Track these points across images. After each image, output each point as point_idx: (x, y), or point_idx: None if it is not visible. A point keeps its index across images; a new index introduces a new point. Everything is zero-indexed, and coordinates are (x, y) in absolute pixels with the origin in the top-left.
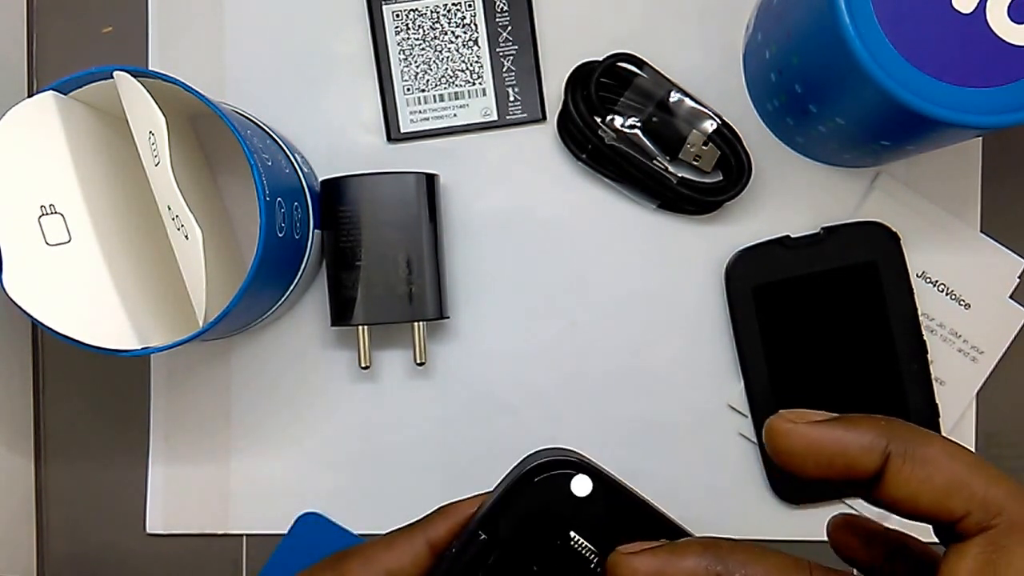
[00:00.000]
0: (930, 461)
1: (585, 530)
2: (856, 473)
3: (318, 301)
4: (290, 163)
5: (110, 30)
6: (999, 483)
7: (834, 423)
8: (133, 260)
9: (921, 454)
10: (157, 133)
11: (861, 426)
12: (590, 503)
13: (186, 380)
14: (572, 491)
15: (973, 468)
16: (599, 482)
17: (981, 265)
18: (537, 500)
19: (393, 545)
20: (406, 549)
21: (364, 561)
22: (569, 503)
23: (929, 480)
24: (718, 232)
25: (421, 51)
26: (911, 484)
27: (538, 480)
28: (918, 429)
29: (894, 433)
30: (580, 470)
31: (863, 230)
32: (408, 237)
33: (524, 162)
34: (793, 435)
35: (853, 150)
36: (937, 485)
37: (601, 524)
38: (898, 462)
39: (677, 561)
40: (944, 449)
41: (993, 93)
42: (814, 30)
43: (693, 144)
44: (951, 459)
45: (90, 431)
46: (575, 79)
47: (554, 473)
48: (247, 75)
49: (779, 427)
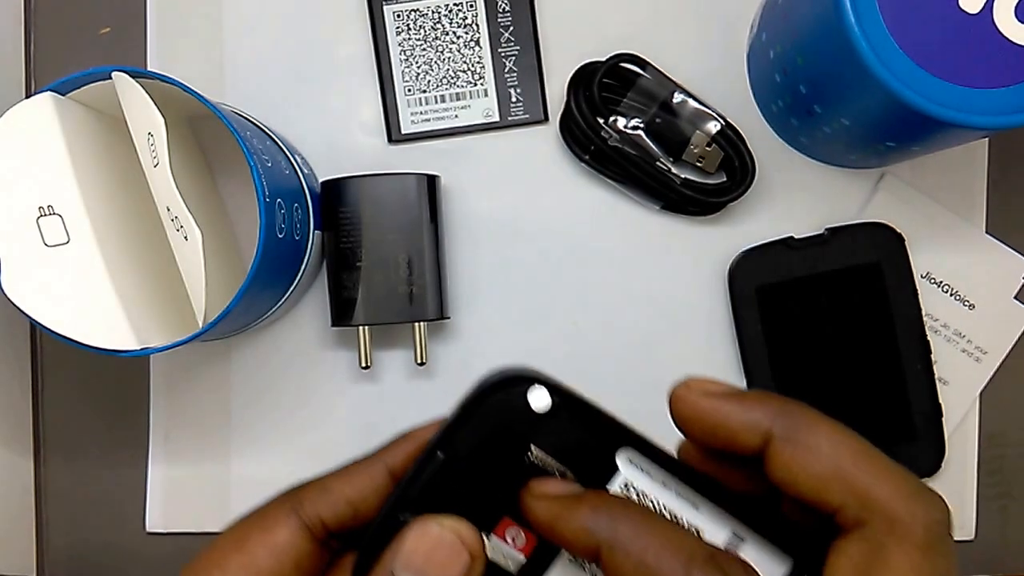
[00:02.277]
0: (812, 448)
1: (548, 446)
2: (738, 449)
3: (318, 301)
4: (290, 164)
5: (108, 31)
6: (884, 477)
7: (726, 397)
8: (132, 261)
9: (804, 439)
10: (156, 134)
11: (750, 403)
12: (552, 419)
13: (186, 380)
14: (530, 405)
15: (858, 459)
16: (558, 395)
17: (986, 266)
18: (494, 416)
19: (352, 474)
20: (365, 478)
21: (321, 491)
22: (528, 418)
23: (807, 467)
24: (722, 233)
25: (422, 51)
26: (790, 469)
27: (494, 395)
28: (812, 413)
29: (783, 414)
30: (537, 383)
31: (867, 231)
32: (409, 238)
33: (526, 163)
34: (685, 402)
35: (858, 151)
36: (814, 473)
37: (565, 440)
38: (779, 444)
39: (569, 517)
40: (830, 437)
41: (999, 94)
42: (819, 30)
43: (696, 145)
44: (835, 447)
45: (89, 431)
46: (578, 80)
47: (510, 388)
48: (246, 75)
49: (676, 393)
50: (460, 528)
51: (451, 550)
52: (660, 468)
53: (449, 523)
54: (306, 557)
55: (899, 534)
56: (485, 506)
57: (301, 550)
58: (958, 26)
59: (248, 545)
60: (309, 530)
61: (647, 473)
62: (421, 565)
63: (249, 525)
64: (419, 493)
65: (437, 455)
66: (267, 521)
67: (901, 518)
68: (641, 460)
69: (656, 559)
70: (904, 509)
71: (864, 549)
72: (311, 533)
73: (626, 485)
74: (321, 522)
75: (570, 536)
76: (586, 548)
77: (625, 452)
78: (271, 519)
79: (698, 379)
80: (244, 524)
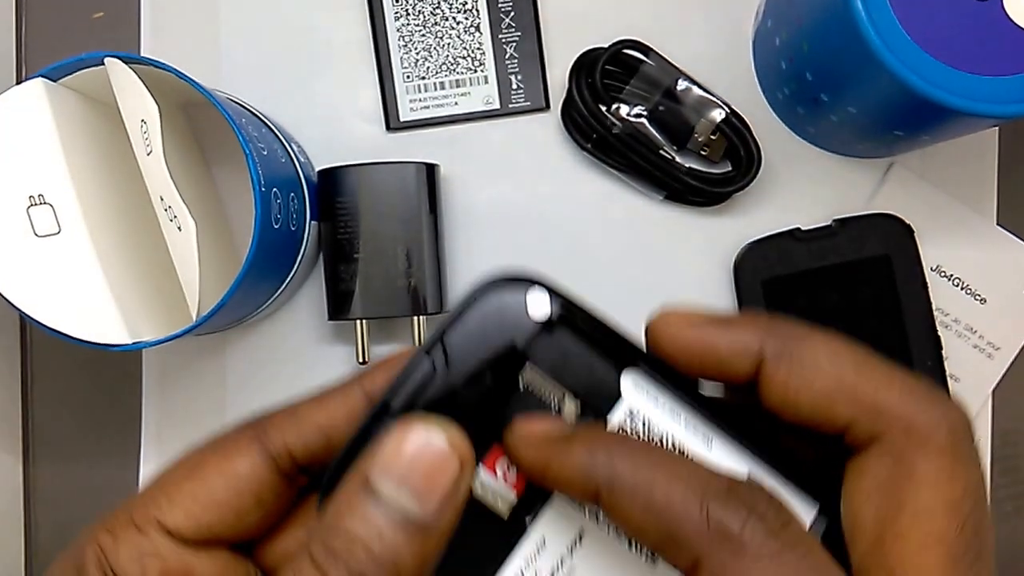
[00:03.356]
0: (809, 362)
1: (545, 365)
2: (730, 376)
3: (315, 294)
4: (286, 152)
5: (101, 15)
6: (890, 383)
7: (708, 324)
8: (125, 252)
9: (799, 355)
10: (149, 122)
11: (736, 326)
12: (551, 332)
13: (179, 375)
14: (528, 311)
15: (861, 368)
16: (560, 304)
17: (997, 259)
18: (488, 320)
19: (325, 400)
20: (340, 403)
21: (290, 417)
22: (524, 326)
23: (807, 384)
24: (727, 224)
25: (421, 37)
26: (788, 389)
27: (489, 295)
28: (802, 328)
29: (772, 333)
30: (537, 287)
31: (876, 223)
32: (408, 229)
33: (527, 152)
34: (665, 335)
35: (866, 140)
36: (816, 389)
37: (565, 359)
38: (773, 364)
39: (561, 460)
40: (827, 348)
41: (1009, 82)
42: (826, 16)
43: (701, 133)
44: (833, 359)
45: (80, 428)
46: (580, 66)
47: (507, 289)
48: (242, 62)
49: (654, 326)
50: (450, 431)
51: (439, 455)
52: (670, 394)
53: (436, 423)
54: (269, 490)
55: (921, 441)
56: (474, 431)
57: (263, 482)
58: (967, 12)
59: (202, 473)
60: (274, 460)
61: (654, 399)
62: (404, 471)
63: (205, 452)
64: (403, 404)
65: (425, 360)
66: (226, 448)
67: (920, 424)
68: (649, 384)
69: (665, 497)
70: (922, 414)
71: (885, 464)
72: (276, 464)
73: (631, 413)
74: (288, 452)
75: (565, 481)
76: (584, 492)
77: (631, 374)
78: (231, 446)
79: (674, 309)
80: (200, 451)
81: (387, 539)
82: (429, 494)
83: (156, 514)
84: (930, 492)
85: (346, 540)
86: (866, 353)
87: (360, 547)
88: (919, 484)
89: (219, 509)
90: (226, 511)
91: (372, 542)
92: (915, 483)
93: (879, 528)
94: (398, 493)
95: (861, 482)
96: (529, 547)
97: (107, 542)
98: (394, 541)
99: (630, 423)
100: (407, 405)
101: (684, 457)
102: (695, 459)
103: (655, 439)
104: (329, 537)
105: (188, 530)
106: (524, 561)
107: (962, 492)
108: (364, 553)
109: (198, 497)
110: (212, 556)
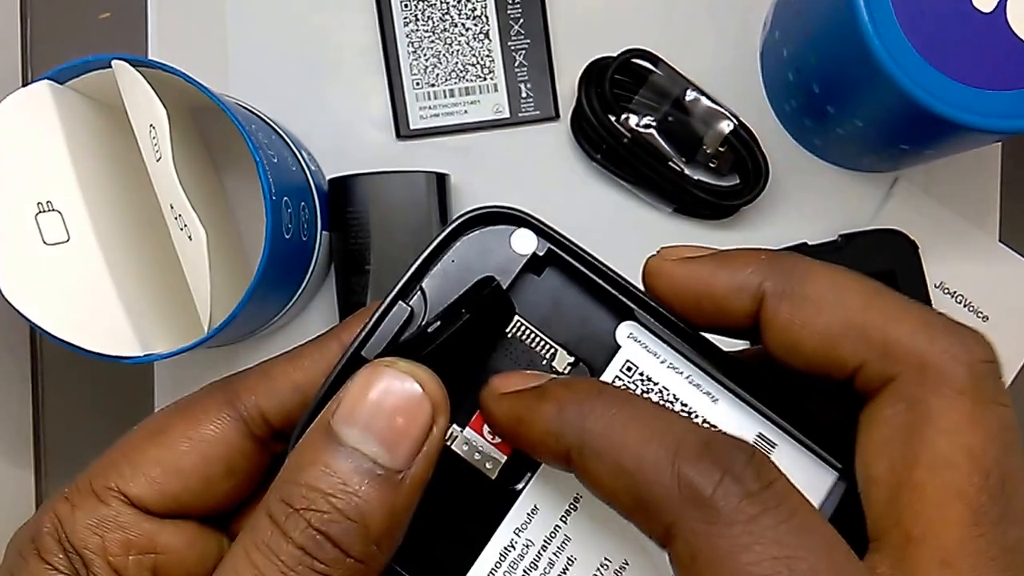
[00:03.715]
0: (813, 299)
1: (534, 315)
2: (731, 320)
3: (327, 306)
4: (296, 160)
5: (108, 16)
6: (902, 317)
7: (706, 260)
8: (134, 261)
9: (802, 291)
10: (158, 126)
11: (734, 261)
12: (541, 277)
13: (192, 388)
14: (514, 250)
15: (870, 302)
16: (550, 244)
17: (999, 276)
18: (469, 261)
19: (300, 356)
20: (316, 358)
21: (262, 377)
22: (510, 269)
23: (811, 321)
24: (735, 238)
25: (431, 44)
26: (791, 329)
27: (468, 232)
28: (806, 260)
29: (773, 268)
30: (523, 225)
31: (882, 238)
32: (419, 239)
33: (537, 162)
34: (661, 274)
35: (871, 153)
36: (821, 327)
37: (556, 307)
38: (774, 302)
39: (531, 418)
40: (832, 282)
41: (1014, 96)
42: (832, 28)
43: (709, 145)
44: (839, 293)
45: (92, 441)
46: (589, 75)
47: (489, 226)
48: (251, 67)
49: (651, 266)
50: (419, 372)
51: (409, 400)
52: (672, 347)
53: (405, 366)
54: (240, 456)
55: (936, 381)
56: (458, 389)
57: (234, 447)
58: (973, 26)
59: (167, 438)
60: (246, 424)
61: (654, 353)
62: (368, 418)
63: (171, 416)
64: (377, 354)
65: (400, 306)
66: (193, 411)
67: (935, 360)
68: (648, 337)
69: (635, 459)
70: (937, 349)
71: (898, 410)
72: (248, 428)
73: (627, 367)
74: (261, 415)
75: (536, 443)
76: (555, 455)
77: (629, 326)
78: (199, 408)
79: (672, 246)
80: (166, 414)
81: (352, 491)
82: (398, 441)
83: (117, 482)
84: (948, 439)
85: (307, 493)
86: (877, 285)
87: (322, 500)
88: (936, 431)
89: (185, 477)
90: (193, 479)
91: (336, 495)
92: (932, 430)
93: (894, 483)
94: (363, 440)
95: (873, 432)
96: (520, 515)
97: (64, 511)
98: (360, 493)
99: (627, 378)
100: (381, 354)
101: (666, 410)
102: (683, 413)
103: (653, 397)
104: (288, 492)
105: (152, 499)
106: (514, 530)
107: (984, 438)
108: (327, 507)
109: (163, 463)
110: (179, 528)
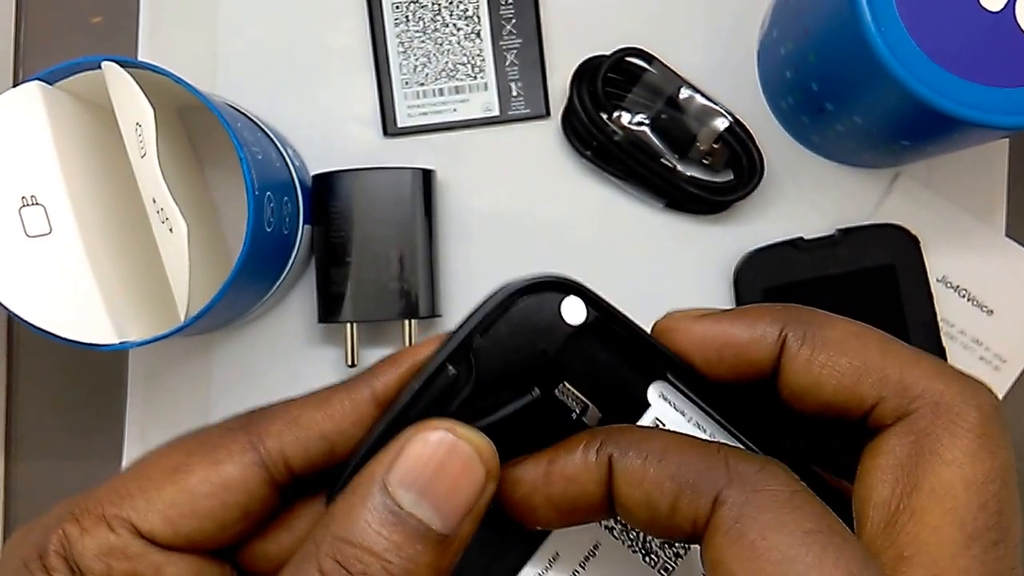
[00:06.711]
0: (833, 343)
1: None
2: (752, 367)
3: (306, 297)
4: (281, 157)
5: (100, 20)
6: (917, 363)
7: (721, 315)
8: (115, 253)
9: (822, 336)
10: (144, 124)
11: (750, 315)
12: (582, 340)
13: (165, 377)
14: (563, 318)
15: (886, 348)
16: (596, 310)
17: (1005, 270)
18: (520, 327)
19: (328, 402)
20: (346, 406)
21: (289, 423)
22: (558, 335)
23: (833, 364)
24: (728, 233)
25: (421, 43)
26: (812, 370)
27: (522, 301)
28: (823, 312)
29: (791, 316)
30: (572, 292)
31: (881, 232)
32: (401, 234)
33: (526, 159)
34: (679, 329)
35: (871, 150)
36: (843, 368)
37: (594, 368)
38: (795, 346)
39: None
40: (850, 329)
41: (1020, 93)
42: (833, 26)
43: (703, 142)
44: (858, 339)
45: (63, 428)
46: (581, 74)
47: (542, 294)
48: (240, 67)
49: (664, 324)
50: (475, 438)
51: (466, 463)
52: (698, 406)
53: (464, 432)
54: (257, 503)
55: (949, 419)
56: (500, 446)
57: (253, 494)
58: (979, 24)
59: (188, 479)
60: (267, 470)
61: (681, 412)
62: (425, 483)
63: (193, 452)
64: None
65: (448, 369)
66: (216, 451)
67: (950, 402)
68: (676, 396)
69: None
70: (952, 392)
71: (907, 442)
72: (269, 474)
73: (656, 424)
74: (284, 461)
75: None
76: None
77: (659, 386)
78: (221, 449)
79: (680, 309)
80: (184, 448)
81: (404, 553)
82: (452, 506)
83: (131, 515)
84: (952, 470)
85: (361, 556)
86: (890, 336)
87: (375, 561)
88: (941, 462)
89: (200, 519)
90: (208, 522)
91: (390, 560)
92: (937, 460)
93: (893, 506)
94: (418, 504)
95: (878, 459)
96: (541, 561)
97: (73, 532)
98: (411, 554)
99: None
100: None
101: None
102: None
103: None
104: (342, 551)
105: (163, 535)
106: (536, 575)
107: (986, 473)
108: (379, 568)
109: (179, 505)
110: (185, 560)
